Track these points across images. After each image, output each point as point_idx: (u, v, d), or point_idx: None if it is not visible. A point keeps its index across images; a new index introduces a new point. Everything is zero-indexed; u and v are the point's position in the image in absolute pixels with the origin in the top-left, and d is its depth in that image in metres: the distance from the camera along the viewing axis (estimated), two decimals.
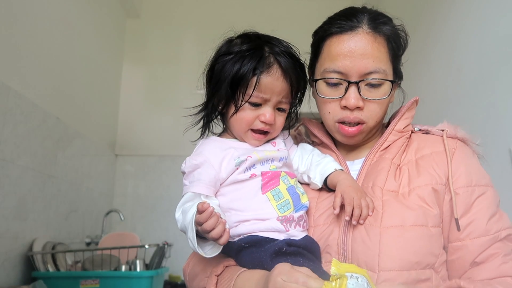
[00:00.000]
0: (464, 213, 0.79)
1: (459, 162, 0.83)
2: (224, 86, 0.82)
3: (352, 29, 0.84)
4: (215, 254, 0.74)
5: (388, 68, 0.85)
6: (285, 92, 0.84)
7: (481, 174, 0.84)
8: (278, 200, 0.80)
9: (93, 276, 1.73)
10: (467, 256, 0.77)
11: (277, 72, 0.82)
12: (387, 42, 0.85)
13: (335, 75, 0.84)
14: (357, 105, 0.83)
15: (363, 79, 0.83)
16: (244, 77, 0.81)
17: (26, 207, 1.76)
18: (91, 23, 2.52)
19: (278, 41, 0.86)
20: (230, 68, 0.82)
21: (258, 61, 0.81)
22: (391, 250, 0.74)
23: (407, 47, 0.92)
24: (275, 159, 0.84)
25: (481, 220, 0.78)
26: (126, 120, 3.03)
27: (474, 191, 0.80)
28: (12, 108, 1.65)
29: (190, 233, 0.71)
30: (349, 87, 0.83)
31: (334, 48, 0.85)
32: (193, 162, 0.82)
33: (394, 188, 0.81)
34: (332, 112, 0.87)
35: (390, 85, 0.85)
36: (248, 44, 0.84)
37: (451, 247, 0.78)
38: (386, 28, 0.85)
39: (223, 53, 0.85)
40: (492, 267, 0.75)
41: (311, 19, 0.93)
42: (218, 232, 0.69)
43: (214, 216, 0.69)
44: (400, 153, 0.88)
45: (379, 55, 0.83)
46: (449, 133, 0.88)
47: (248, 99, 0.81)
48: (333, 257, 0.77)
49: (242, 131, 0.85)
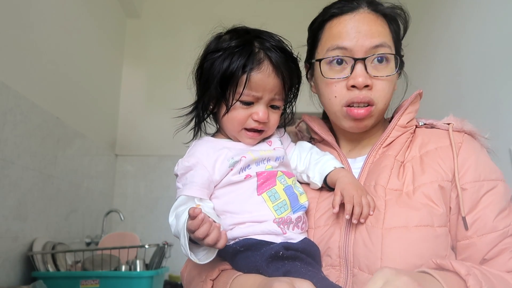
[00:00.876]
0: (470, 209, 0.75)
1: (465, 156, 0.79)
2: (213, 85, 0.79)
3: (352, 9, 0.82)
4: (209, 260, 0.71)
5: (392, 46, 0.82)
6: (277, 88, 0.80)
7: (490, 168, 0.79)
8: (275, 201, 0.77)
9: (93, 276, 1.73)
10: (476, 254, 0.73)
11: (268, 68, 0.78)
12: (388, 24, 0.84)
13: (339, 51, 0.80)
14: (366, 83, 0.79)
15: (370, 55, 0.80)
16: (233, 75, 0.77)
17: (26, 207, 1.76)
18: (91, 23, 2.52)
19: (269, 35, 0.82)
20: (219, 66, 0.78)
21: (248, 57, 0.77)
22: (394, 253, 0.70)
23: (408, 27, 0.89)
24: (271, 159, 0.81)
25: (488, 216, 0.74)
26: (126, 120, 3.03)
27: (483, 186, 0.76)
28: (12, 108, 1.65)
29: (182, 240, 0.69)
30: (356, 64, 0.79)
31: (335, 28, 0.82)
32: (185, 164, 0.79)
33: (397, 187, 0.78)
34: (339, 95, 0.82)
35: (397, 59, 0.82)
36: (237, 40, 0.80)
37: (459, 246, 0.75)
38: (385, 9, 0.84)
39: (211, 51, 0.82)
40: (500, 262, 0.71)
41: (309, 15, 0.92)
42: (213, 238, 0.66)
43: (206, 223, 0.65)
44: (404, 150, 0.84)
45: (383, 30, 0.81)
46: (455, 127, 0.84)
47: (239, 97, 0.78)
48: (333, 260, 0.75)
49: (236, 131, 0.82)
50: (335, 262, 0.75)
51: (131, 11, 3.11)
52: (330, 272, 0.75)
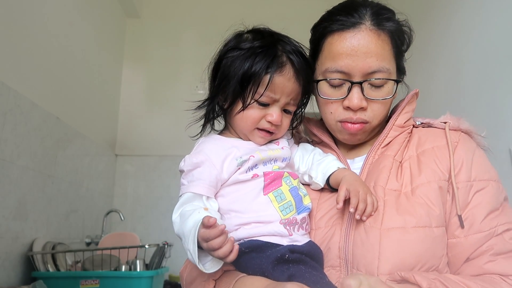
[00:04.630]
0: (461, 208, 0.75)
1: (461, 155, 0.79)
2: (232, 83, 0.79)
3: (354, 25, 0.80)
4: (215, 269, 0.70)
5: (392, 66, 0.82)
6: (294, 93, 0.81)
7: (483, 168, 0.79)
8: (281, 202, 0.77)
9: (93, 276, 1.73)
10: (461, 254, 0.74)
11: (290, 72, 0.79)
12: (391, 39, 0.82)
13: (338, 75, 0.81)
14: (361, 105, 0.80)
15: (366, 79, 0.80)
16: (256, 75, 0.77)
17: (26, 207, 1.76)
18: (91, 23, 2.51)
19: (289, 39, 0.83)
20: (240, 64, 0.78)
21: (272, 59, 0.77)
22: (391, 253, 0.71)
23: (412, 42, 0.88)
24: (278, 159, 0.82)
25: (477, 217, 0.74)
26: (126, 120, 3.02)
27: (472, 186, 0.76)
28: (12, 108, 1.65)
29: (191, 246, 0.66)
30: (352, 88, 0.80)
31: (336, 46, 0.81)
32: (193, 160, 0.78)
33: (396, 187, 0.78)
34: (334, 112, 0.84)
35: (394, 84, 0.82)
36: (261, 41, 0.80)
37: (448, 244, 0.75)
38: (390, 24, 0.81)
39: (231, 48, 0.81)
40: (477, 264, 0.72)
41: (312, 17, 0.91)
42: (225, 251, 0.64)
43: (223, 234, 0.64)
44: (402, 149, 0.84)
45: (382, 53, 0.80)
46: (451, 125, 0.84)
47: (258, 98, 0.78)
48: (333, 261, 0.75)
49: (248, 130, 0.82)
50: (336, 263, 0.75)
51: (131, 11, 3.11)
52: (331, 273, 0.75)
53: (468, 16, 1.77)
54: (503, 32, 1.50)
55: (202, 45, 0.82)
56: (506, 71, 1.48)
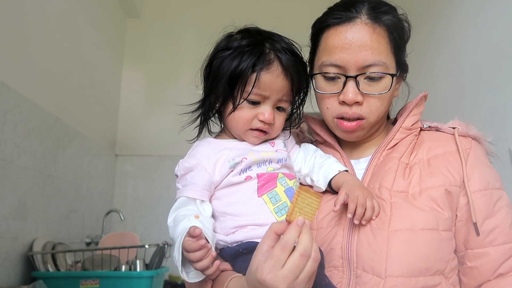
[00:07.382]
0: (486, 217, 0.76)
1: (474, 163, 0.80)
2: (222, 83, 0.79)
3: (350, 20, 0.80)
4: (197, 280, 0.72)
5: (389, 61, 0.80)
6: (285, 90, 0.80)
7: (494, 176, 0.80)
8: (275, 203, 0.76)
9: (93, 276, 1.73)
10: (490, 264, 0.74)
11: (278, 69, 0.78)
12: (388, 33, 0.81)
13: (333, 68, 0.80)
14: (356, 100, 0.79)
15: (362, 73, 0.79)
16: (242, 74, 0.77)
17: (26, 207, 1.76)
18: (91, 23, 2.51)
19: (280, 37, 0.83)
20: (228, 64, 0.78)
21: (258, 57, 0.77)
22: (399, 255, 0.71)
23: (410, 36, 0.87)
24: (272, 161, 0.81)
25: (504, 227, 0.75)
26: (126, 120, 3.02)
27: (493, 195, 0.77)
28: (12, 108, 1.65)
29: (176, 254, 0.69)
30: (347, 82, 0.79)
31: (331, 40, 0.81)
32: (185, 164, 0.79)
33: (403, 188, 0.78)
34: (330, 107, 0.83)
35: (391, 78, 0.81)
36: (248, 40, 0.80)
37: (472, 253, 0.75)
38: (387, 18, 0.81)
39: (221, 48, 0.82)
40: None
41: (311, 17, 0.91)
42: (202, 265, 0.67)
43: (204, 249, 0.66)
44: (409, 152, 0.84)
45: (378, 46, 0.79)
46: (460, 131, 0.84)
47: (246, 96, 0.78)
48: (336, 261, 0.75)
49: (241, 130, 0.81)
50: (338, 263, 0.75)
51: (131, 11, 3.11)
52: (333, 273, 0.75)
53: (469, 16, 1.77)
54: (504, 32, 1.50)
55: (202, 45, 0.82)
56: (506, 71, 1.48)
